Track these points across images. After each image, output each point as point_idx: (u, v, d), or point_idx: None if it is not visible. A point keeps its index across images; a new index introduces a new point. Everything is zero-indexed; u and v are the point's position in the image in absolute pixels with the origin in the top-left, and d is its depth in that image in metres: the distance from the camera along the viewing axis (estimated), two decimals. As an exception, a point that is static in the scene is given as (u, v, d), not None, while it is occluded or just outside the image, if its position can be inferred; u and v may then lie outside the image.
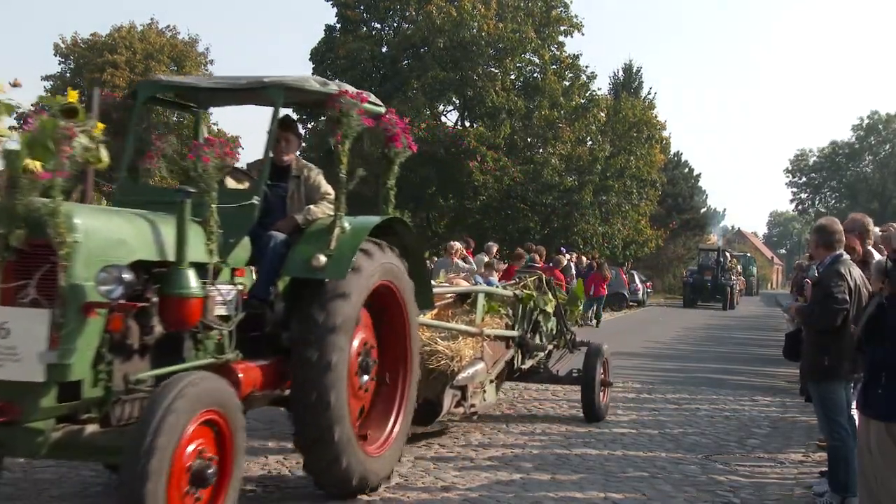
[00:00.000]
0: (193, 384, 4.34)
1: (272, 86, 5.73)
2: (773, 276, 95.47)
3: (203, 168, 5.09)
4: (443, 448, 7.81)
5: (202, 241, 5.13)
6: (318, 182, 6.24)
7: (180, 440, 4.19)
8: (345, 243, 5.68)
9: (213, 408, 4.47)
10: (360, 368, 5.96)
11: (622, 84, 43.35)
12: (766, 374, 14.97)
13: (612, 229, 31.58)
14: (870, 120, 75.92)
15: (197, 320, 4.93)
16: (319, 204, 6.09)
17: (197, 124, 6.73)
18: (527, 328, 9.30)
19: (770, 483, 7.16)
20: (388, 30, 32.49)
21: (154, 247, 4.83)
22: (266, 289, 5.65)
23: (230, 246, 5.36)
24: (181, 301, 4.81)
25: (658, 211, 39.37)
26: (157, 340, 4.73)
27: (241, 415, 4.73)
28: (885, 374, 4.94)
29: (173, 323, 4.81)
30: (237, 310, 5.35)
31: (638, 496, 6.54)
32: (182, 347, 4.95)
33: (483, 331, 8.25)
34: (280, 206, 6.07)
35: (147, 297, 4.67)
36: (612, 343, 17.65)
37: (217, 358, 5.15)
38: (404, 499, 6.19)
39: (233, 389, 4.74)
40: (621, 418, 9.79)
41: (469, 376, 7.73)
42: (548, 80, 30.21)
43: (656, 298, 44.92)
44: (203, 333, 5.06)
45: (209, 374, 4.67)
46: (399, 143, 6.37)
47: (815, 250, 6.50)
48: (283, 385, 5.75)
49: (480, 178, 29.06)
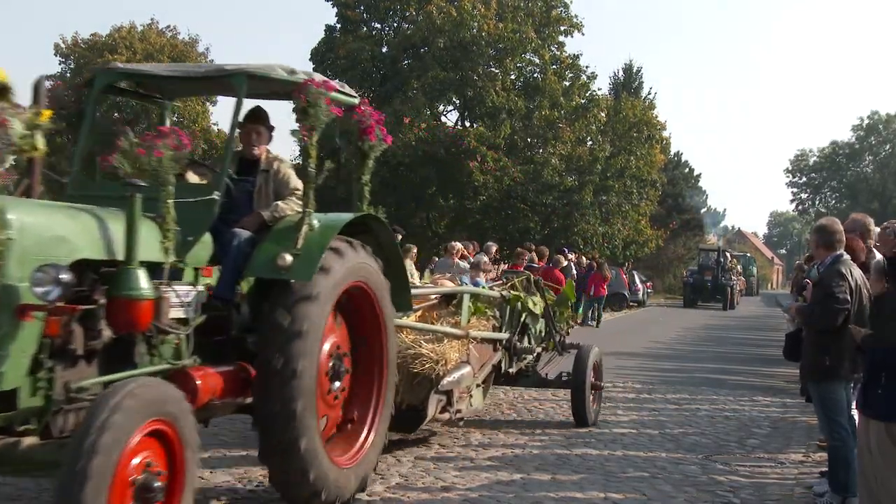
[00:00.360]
0: (137, 392, 4.02)
1: (234, 74, 5.45)
2: (773, 277, 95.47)
3: (157, 161, 4.76)
4: (443, 448, 7.80)
5: (156, 239, 4.82)
6: (288, 176, 5.90)
7: (122, 452, 3.87)
8: (313, 242, 5.34)
9: (161, 417, 4.15)
10: (331, 375, 5.63)
11: (622, 84, 43.37)
12: (766, 374, 14.97)
13: (613, 229, 31.58)
14: (870, 120, 75.89)
15: (148, 323, 4.60)
16: (288, 200, 5.76)
17: (162, 116, 6.38)
18: (515, 330, 8.94)
19: (770, 483, 7.15)
20: (388, 30, 32.49)
21: (101, 245, 4.51)
22: (230, 290, 5.30)
23: (188, 244, 5.05)
24: (130, 303, 4.47)
25: (658, 211, 39.38)
26: (106, 345, 4.43)
27: (194, 425, 4.42)
28: (885, 374, 4.95)
29: (122, 326, 4.49)
30: (196, 312, 5.05)
31: (638, 496, 6.54)
32: (133, 353, 4.62)
33: (469, 333, 7.93)
34: (247, 202, 5.75)
35: (94, 298, 4.37)
36: (613, 343, 17.75)
37: (173, 364, 4.84)
38: (404, 499, 6.19)
39: (182, 397, 4.40)
40: (621, 418, 9.79)
41: (455, 380, 7.40)
42: (548, 80, 30.21)
43: (656, 298, 44.93)
44: (157, 338, 4.73)
45: (156, 381, 4.41)
46: (373, 135, 6.08)
47: (815, 250, 6.50)
48: (248, 392, 5.38)
49: (480, 178, 29.06)
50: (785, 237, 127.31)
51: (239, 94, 5.46)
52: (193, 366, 4.96)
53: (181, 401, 4.36)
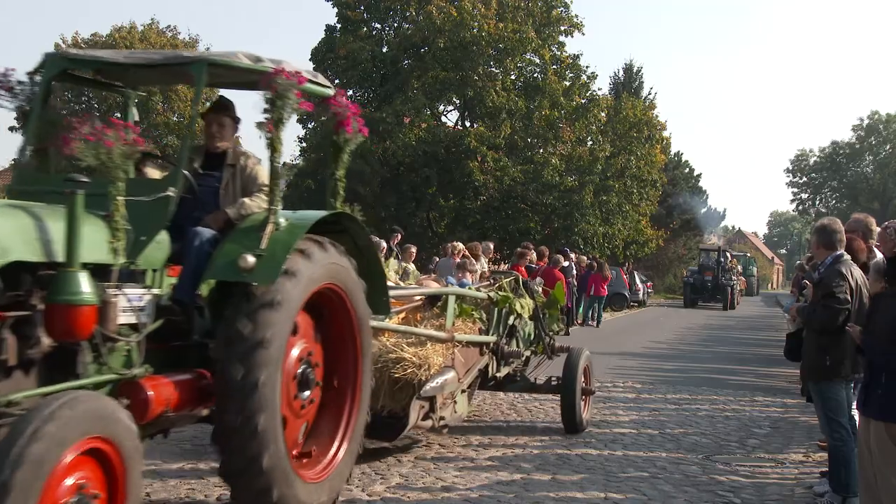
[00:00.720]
0: (74, 404, 3.67)
1: (194, 61, 5.10)
2: (773, 277, 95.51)
3: (105, 154, 4.39)
4: (443, 448, 7.80)
5: (104, 239, 4.43)
6: (256, 172, 5.54)
7: (54, 469, 3.51)
8: (278, 242, 4.97)
9: (101, 435, 3.78)
10: (299, 383, 5.27)
11: (622, 84, 43.36)
12: (767, 374, 14.96)
13: (613, 229, 31.58)
14: (870, 120, 75.92)
15: (90, 330, 4.20)
16: (256, 197, 5.40)
17: (125, 108, 5.92)
18: (502, 333, 8.59)
19: (771, 483, 7.15)
20: (388, 30, 32.48)
21: (38, 246, 4.13)
22: (189, 293, 4.92)
23: (141, 244, 4.64)
24: (69, 309, 4.08)
25: (659, 211, 39.38)
26: (46, 355, 4.08)
27: (139, 445, 4.06)
28: (885, 374, 4.94)
29: (61, 334, 4.10)
30: (150, 317, 4.67)
31: (638, 496, 6.54)
32: (76, 363, 4.21)
33: (454, 336, 7.60)
34: (212, 199, 5.41)
35: (31, 304, 4.02)
36: (613, 343, 17.78)
37: (121, 374, 4.45)
38: (404, 499, 6.19)
39: (126, 414, 4.03)
40: (621, 418, 9.79)
41: (438, 386, 7.07)
42: (548, 80, 30.20)
43: (657, 298, 44.94)
44: (103, 346, 4.32)
45: (93, 394, 4.03)
46: (349, 128, 5.74)
47: (816, 250, 6.50)
48: (209, 402, 4.99)
49: (480, 178, 29.07)
50: (785, 237, 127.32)
51: (199, 83, 5.10)
52: (145, 375, 4.58)
53: (125, 418, 4.00)
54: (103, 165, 4.42)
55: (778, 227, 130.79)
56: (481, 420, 9.23)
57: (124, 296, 4.47)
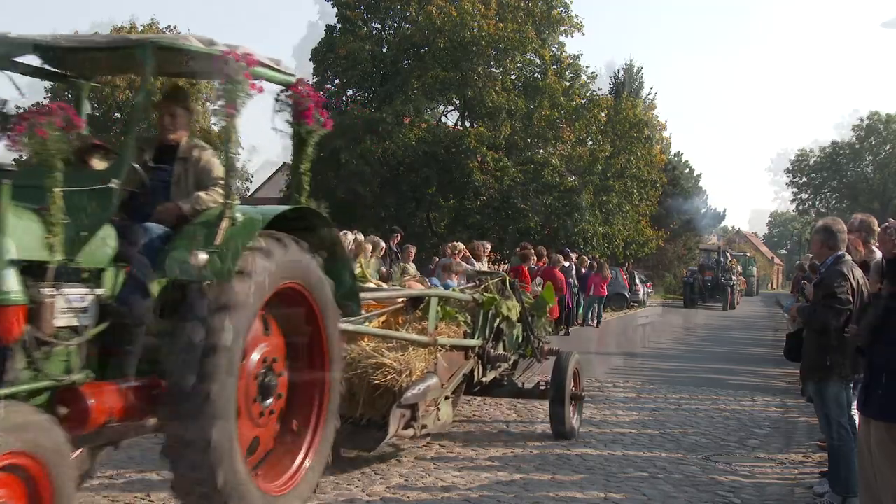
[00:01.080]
0: None
1: (139, 44, 4.71)
2: (773, 277, 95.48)
3: (40, 141, 4.12)
4: (443, 448, 7.80)
5: (38, 235, 4.09)
6: (211, 165, 5.22)
7: None
8: (233, 238, 4.63)
9: (25, 450, 3.51)
10: (261, 390, 4.93)
11: (622, 84, 43.36)
12: (766, 374, 14.96)
13: (613, 230, 31.57)
14: (870, 120, 75.87)
15: (17, 333, 3.84)
16: (212, 191, 5.07)
17: (78, 99, 5.52)
18: (488, 336, 8.22)
19: (771, 483, 7.16)
20: (388, 30, 32.45)
21: None
22: (138, 293, 4.56)
23: (81, 240, 4.30)
24: None
25: (659, 211, 39.36)
26: None
27: (70, 463, 3.81)
28: (885, 374, 4.94)
29: None
30: (93, 319, 4.32)
31: (638, 496, 6.53)
32: (5, 368, 3.88)
33: (437, 340, 7.30)
34: (163, 193, 5.11)
35: None
36: (612, 343, 17.80)
37: (58, 380, 4.10)
38: (404, 499, 6.19)
39: (51, 422, 3.74)
40: (621, 418, 9.79)
41: (420, 393, 6.73)
42: (548, 80, 30.19)
43: (657, 298, 44.94)
44: (37, 350, 3.98)
45: (22, 405, 3.74)
46: (311, 118, 5.41)
47: (818, 250, 6.50)
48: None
49: (480, 178, 29.04)
50: (785, 237, 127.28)
51: (146, 69, 4.72)
52: (86, 382, 4.22)
53: (49, 429, 3.69)
54: (38, 155, 4.16)
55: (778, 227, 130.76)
56: (481, 420, 9.23)
57: (63, 296, 4.14)
